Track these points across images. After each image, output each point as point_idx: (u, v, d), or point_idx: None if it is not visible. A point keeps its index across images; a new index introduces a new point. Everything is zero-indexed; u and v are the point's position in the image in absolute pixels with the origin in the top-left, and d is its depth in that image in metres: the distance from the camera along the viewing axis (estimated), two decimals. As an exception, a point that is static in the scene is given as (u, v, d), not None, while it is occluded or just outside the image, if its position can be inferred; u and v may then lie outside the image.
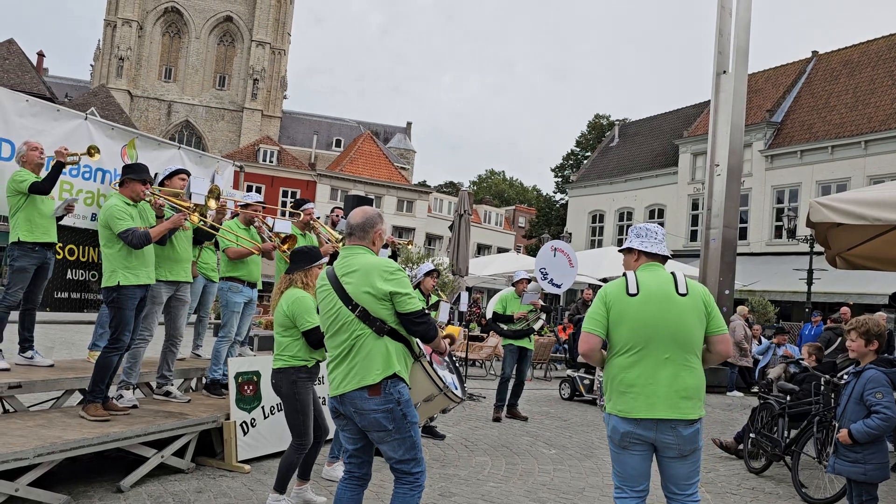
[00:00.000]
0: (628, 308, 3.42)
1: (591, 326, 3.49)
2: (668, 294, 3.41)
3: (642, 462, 3.42)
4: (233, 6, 73.72)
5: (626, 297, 3.44)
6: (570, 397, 11.46)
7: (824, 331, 12.13)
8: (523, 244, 57.16)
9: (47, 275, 6.00)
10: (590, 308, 3.58)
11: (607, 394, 3.51)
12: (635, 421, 3.34)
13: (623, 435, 3.38)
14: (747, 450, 7.04)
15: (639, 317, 3.39)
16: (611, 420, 3.45)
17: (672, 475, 3.41)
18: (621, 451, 3.43)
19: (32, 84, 43.50)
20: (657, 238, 3.61)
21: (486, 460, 6.59)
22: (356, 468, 3.58)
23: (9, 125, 6.20)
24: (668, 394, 3.31)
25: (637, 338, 3.38)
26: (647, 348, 3.36)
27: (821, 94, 29.74)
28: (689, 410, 3.32)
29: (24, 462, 4.10)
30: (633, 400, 3.35)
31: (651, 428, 3.32)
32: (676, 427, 3.31)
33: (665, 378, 3.32)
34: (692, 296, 3.43)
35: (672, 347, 3.35)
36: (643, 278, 3.49)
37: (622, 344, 3.42)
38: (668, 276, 3.49)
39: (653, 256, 3.59)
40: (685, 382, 3.34)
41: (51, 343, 12.41)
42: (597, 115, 54.12)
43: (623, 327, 3.42)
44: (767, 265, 26.67)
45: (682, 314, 3.38)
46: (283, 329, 4.49)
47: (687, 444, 3.34)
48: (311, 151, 68.95)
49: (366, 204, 11.65)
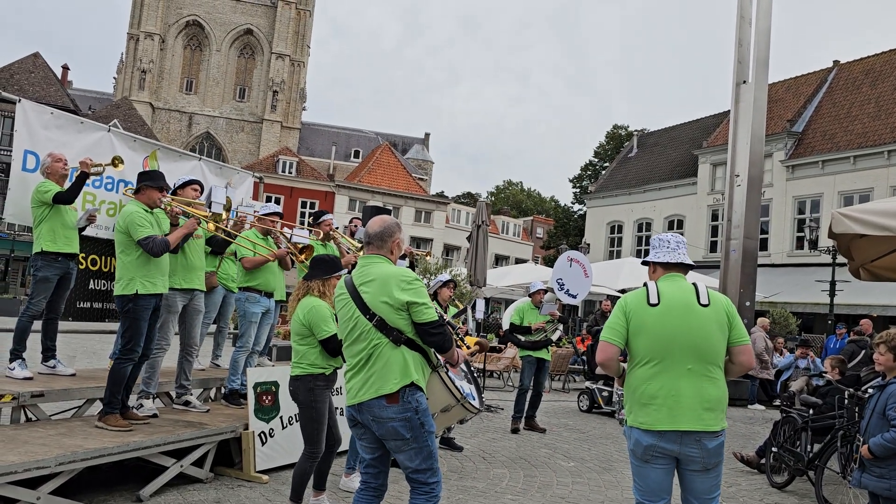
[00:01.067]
0: (649, 318, 3.38)
1: (610, 336, 3.44)
2: (690, 304, 3.37)
3: (665, 476, 3.37)
4: (253, 19, 74.57)
5: (646, 307, 3.41)
6: (588, 409, 11.37)
7: (848, 343, 11.96)
8: (541, 255, 56.99)
9: (70, 285, 6.07)
10: (609, 317, 3.54)
11: (628, 406, 3.47)
12: (658, 433, 3.29)
13: (646, 448, 3.33)
14: (769, 464, 6.94)
15: (659, 327, 3.35)
16: (633, 433, 3.40)
17: (694, 489, 3.36)
18: (643, 465, 3.39)
19: (57, 97, 44.24)
20: (669, 246, 3.56)
21: (503, 472, 6.55)
22: (373, 479, 3.57)
23: (34, 137, 6.31)
24: (692, 405, 3.26)
25: (658, 348, 3.34)
26: (669, 359, 3.32)
27: (842, 103, 29.44)
28: (713, 422, 3.28)
29: (45, 470, 4.13)
30: (656, 412, 3.30)
31: (675, 440, 3.28)
32: (701, 439, 3.26)
33: (687, 389, 3.28)
34: (714, 306, 3.39)
35: (694, 358, 3.30)
36: (664, 288, 3.45)
37: (642, 355, 3.38)
38: (689, 287, 3.45)
39: (671, 266, 3.55)
40: (708, 394, 3.29)
41: (72, 352, 12.55)
42: (615, 126, 53.94)
43: (643, 338, 3.38)
44: (789, 276, 26.36)
45: (704, 325, 3.34)
46: (300, 337, 4.50)
47: (711, 456, 3.29)
48: (330, 162, 69.35)
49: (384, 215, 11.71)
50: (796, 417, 6.81)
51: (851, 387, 6.40)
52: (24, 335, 5.87)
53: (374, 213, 11.44)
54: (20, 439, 4.58)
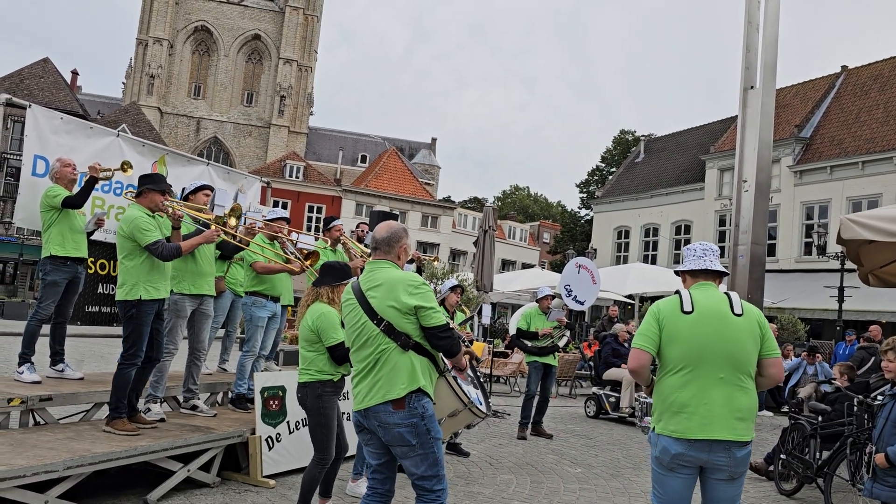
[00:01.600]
0: (682, 326, 3.35)
1: (642, 343, 3.40)
2: (724, 313, 3.35)
3: (686, 485, 3.35)
4: (261, 24, 74.86)
5: (680, 314, 3.37)
6: (595, 415, 11.34)
7: (857, 350, 11.89)
8: (548, 260, 56.91)
9: (78, 289, 6.10)
10: (641, 324, 3.49)
11: (657, 414, 3.42)
12: (689, 442, 3.26)
13: (674, 456, 3.30)
14: (778, 471, 6.90)
15: (693, 335, 3.32)
16: (660, 441, 3.35)
17: (718, 498, 3.34)
18: (667, 473, 3.35)
19: (66, 101, 44.53)
20: (696, 254, 3.54)
21: (510, 478, 6.53)
22: (379, 484, 3.56)
23: (44, 142, 6.36)
24: (724, 414, 3.24)
25: (691, 356, 3.31)
26: (701, 367, 3.29)
27: (851, 108, 29.34)
28: (744, 432, 3.27)
29: (53, 474, 4.14)
30: (687, 420, 3.27)
31: (704, 449, 3.25)
32: (730, 448, 3.25)
33: (719, 398, 3.25)
34: (747, 316, 3.37)
35: (727, 367, 3.28)
36: (697, 297, 3.42)
37: (675, 362, 3.35)
38: (722, 296, 3.43)
39: (699, 274, 3.52)
40: (740, 403, 3.28)
41: (81, 356, 12.59)
42: (622, 131, 53.95)
43: (676, 345, 3.35)
44: (797, 282, 26.24)
45: (738, 334, 3.32)
46: (308, 343, 4.50)
47: (739, 466, 3.28)
48: (337, 167, 69.47)
49: (391, 219, 11.72)
50: (805, 424, 6.78)
51: (861, 394, 6.36)
52: (33, 339, 5.90)
53: (381, 217, 11.47)
54: (29, 443, 4.59)
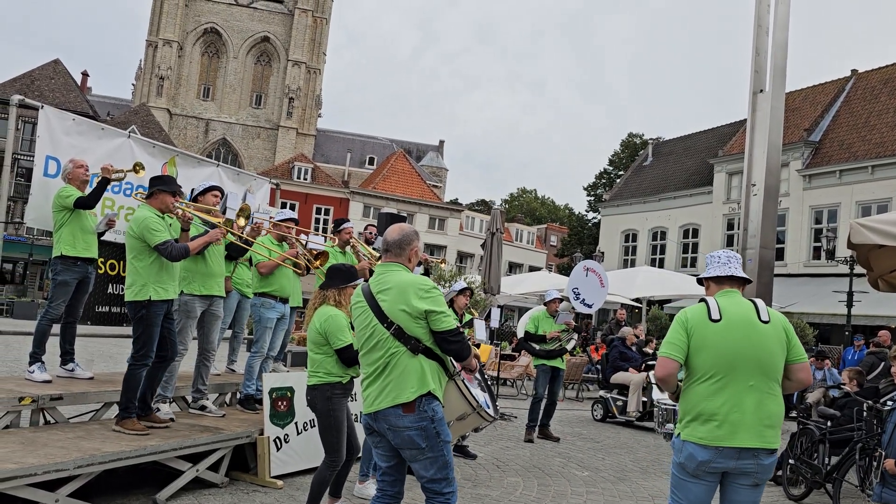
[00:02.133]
0: (711, 334, 3.34)
1: (670, 351, 3.38)
2: (751, 320, 3.36)
3: (708, 492, 3.36)
4: (270, 27, 75.11)
5: (708, 322, 3.37)
6: (602, 419, 11.32)
7: (867, 355, 11.83)
8: (555, 263, 56.84)
9: (88, 289, 6.14)
10: (668, 333, 3.48)
11: (684, 420, 3.41)
12: (717, 449, 3.25)
13: (700, 463, 3.29)
14: (786, 476, 6.87)
15: (722, 343, 3.32)
16: (686, 447, 3.34)
17: (739, 502, 3.34)
18: (690, 480, 3.34)
19: (77, 102, 44.80)
20: (720, 261, 3.55)
21: (517, 481, 6.53)
22: (389, 486, 3.57)
23: (56, 143, 6.41)
24: (753, 422, 3.24)
25: (721, 364, 3.30)
26: (732, 375, 3.29)
27: (860, 112, 29.22)
28: (773, 439, 3.28)
29: (64, 473, 4.17)
30: (717, 428, 3.26)
31: (732, 456, 3.25)
32: (759, 455, 3.25)
33: (750, 406, 3.25)
34: (774, 323, 3.38)
35: (757, 375, 3.28)
36: (724, 304, 3.42)
37: (704, 370, 3.34)
38: (748, 304, 3.44)
39: (724, 281, 3.52)
40: (769, 410, 3.28)
41: (90, 356, 12.66)
42: (630, 134, 53.84)
43: (705, 353, 3.34)
44: (806, 287, 26.13)
45: (766, 341, 3.32)
46: (316, 346, 4.51)
47: (765, 472, 3.30)
48: (345, 169, 69.57)
49: (399, 222, 11.74)
50: (814, 429, 6.75)
51: (870, 399, 6.33)
52: (44, 338, 5.94)
53: (389, 220, 11.51)
54: (39, 442, 4.63)
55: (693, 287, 17.79)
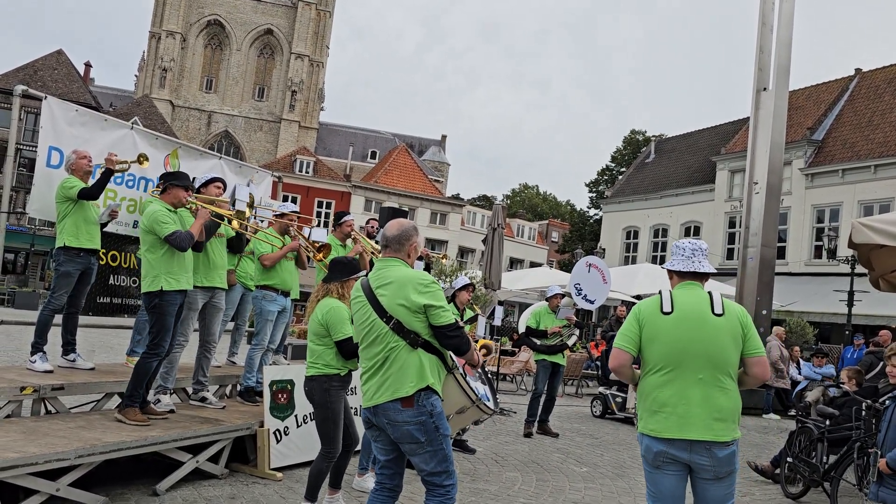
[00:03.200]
0: (662, 326, 3.37)
1: (622, 343, 3.46)
2: (703, 314, 3.35)
3: (677, 483, 3.36)
4: (273, 19, 75.01)
5: (659, 315, 3.40)
6: (601, 415, 11.35)
7: (866, 354, 11.83)
8: (556, 259, 56.84)
9: (90, 280, 6.16)
10: (623, 324, 3.55)
11: (640, 412, 3.47)
12: (668, 441, 3.29)
13: (656, 454, 3.33)
14: (784, 474, 6.89)
15: (672, 336, 3.34)
16: (643, 440, 3.40)
17: (707, 497, 3.34)
18: (655, 471, 3.38)
19: (79, 93, 44.78)
20: (685, 254, 3.54)
21: (516, 476, 6.55)
22: (388, 479, 3.59)
23: (59, 134, 6.41)
24: (701, 415, 3.25)
25: (670, 357, 3.33)
26: (680, 368, 3.31)
27: (864, 112, 29.16)
28: (723, 432, 3.26)
29: (65, 462, 4.19)
30: (666, 419, 3.30)
31: (685, 448, 3.27)
32: (711, 448, 3.25)
33: (698, 398, 3.26)
34: (728, 316, 3.36)
35: (706, 368, 3.29)
36: (679, 297, 3.44)
37: (654, 362, 3.38)
38: (704, 296, 3.43)
39: (686, 275, 3.52)
40: (719, 403, 3.27)
41: (92, 347, 12.69)
42: (633, 131, 53.84)
43: (656, 346, 3.38)
44: (806, 285, 26.13)
45: (717, 334, 3.31)
46: (317, 337, 4.53)
47: (722, 466, 3.27)
48: (347, 163, 69.56)
49: (400, 216, 11.74)
50: (812, 428, 6.76)
51: (869, 398, 6.34)
52: (46, 329, 5.97)
53: (390, 214, 11.50)
54: (41, 431, 4.65)
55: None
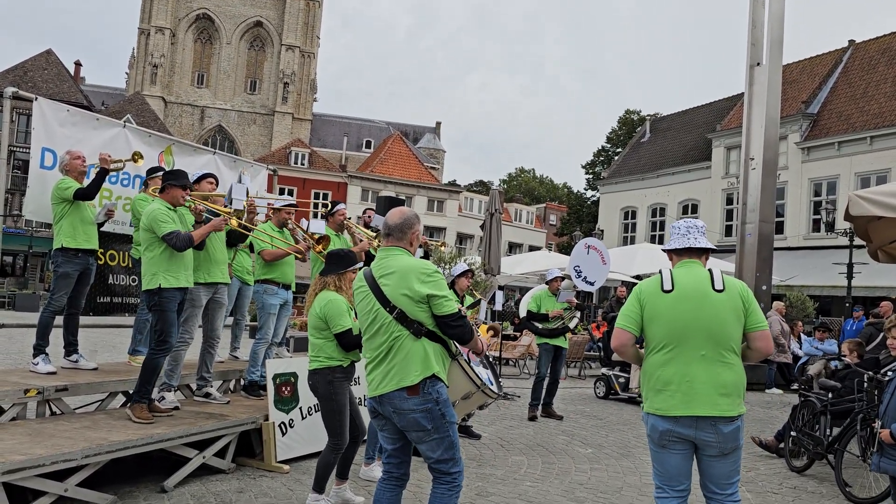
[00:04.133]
0: (662, 305, 3.39)
1: (624, 323, 3.48)
2: (704, 291, 3.36)
3: (683, 461, 3.39)
4: (262, 11, 74.54)
5: (660, 293, 3.41)
6: (605, 396, 11.39)
7: (866, 326, 11.87)
8: (555, 242, 56.86)
9: (90, 280, 6.16)
10: (624, 304, 3.56)
11: (644, 392, 3.48)
12: (674, 419, 3.30)
13: (662, 433, 3.35)
14: (788, 448, 6.93)
15: (673, 314, 3.35)
16: (649, 419, 3.42)
17: (712, 474, 3.37)
18: (661, 450, 3.41)
19: (70, 93, 44.57)
20: (680, 232, 3.55)
21: (522, 459, 6.58)
22: (395, 468, 3.60)
23: (51, 135, 6.39)
24: (706, 390, 3.27)
25: (672, 335, 3.35)
26: (682, 345, 3.32)
27: (858, 83, 29.08)
28: (728, 407, 3.28)
29: (72, 463, 4.21)
30: (671, 398, 3.31)
31: (690, 425, 3.29)
32: (717, 424, 3.27)
33: (701, 375, 3.28)
34: (729, 292, 3.37)
35: (708, 344, 3.30)
36: (678, 275, 3.45)
37: (657, 341, 3.40)
38: (704, 273, 3.44)
39: (684, 252, 3.53)
40: (723, 379, 3.29)
41: (94, 346, 12.71)
42: (627, 111, 53.59)
43: (657, 324, 3.39)
44: (805, 259, 26.16)
45: (718, 310, 3.33)
46: (316, 331, 4.54)
47: (728, 441, 3.29)
48: (342, 153, 69.41)
49: (398, 205, 11.70)
50: (815, 401, 6.79)
51: (870, 370, 6.37)
52: (47, 330, 5.97)
53: (388, 203, 11.46)
54: (46, 433, 4.67)
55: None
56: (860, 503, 5.56)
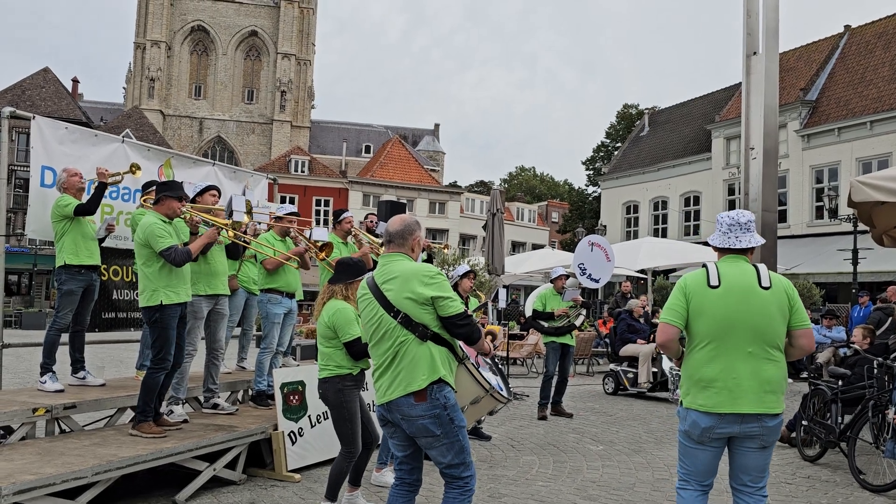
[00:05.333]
0: (709, 300, 3.35)
1: (670, 317, 3.43)
2: (751, 287, 3.33)
3: (714, 458, 3.39)
4: (257, 20, 74.64)
5: (706, 289, 3.37)
6: (614, 392, 11.36)
7: (874, 311, 11.82)
8: (558, 239, 56.80)
9: (94, 296, 6.15)
10: (669, 299, 3.50)
11: (685, 388, 3.44)
12: (719, 416, 3.28)
13: (704, 430, 3.32)
14: (800, 437, 6.90)
15: (719, 310, 3.32)
16: (690, 415, 3.38)
17: (748, 466, 3.36)
18: (696, 447, 3.38)
19: (69, 110, 44.69)
20: (721, 230, 3.49)
21: (533, 459, 6.56)
22: (407, 475, 3.59)
23: (50, 153, 6.39)
24: (753, 387, 3.25)
25: (717, 331, 3.31)
26: (728, 342, 3.30)
27: (856, 68, 28.99)
28: (774, 404, 3.28)
29: (82, 481, 4.20)
30: (717, 395, 3.28)
31: (735, 422, 3.27)
32: (762, 419, 3.27)
33: (747, 372, 3.26)
34: (775, 289, 3.35)
35: (754, 341, 3.28)
36: (725, 270, 3.40)
37: (701, 337, 3.36)
38: (750, 269, 3.40)
39: (728, 251, 3.48)
40: (768, 375, 3.28)
41: (101, 362, 12.71)
42: (625, 105, 53.56)
43: (703, 320, 3.36)
44: (810, 247, 26.09)
45: (765, 307, 3.30)
46: (325, 340, 4.53)
47: (771, 435, 3.31)
48: (342, 159, 69.39)
49: (399, 209, 11.72)
50: (825, 389, 6.76)
51: (880, 356, 6.34)
52: (53, 348, 5.97)
53: (389, 207, 11.48)
54: (56, 451, 4.66)
55: (697, 255, 17.75)
56: (875, 490, 5.54)
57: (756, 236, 3.45)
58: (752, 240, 3.45)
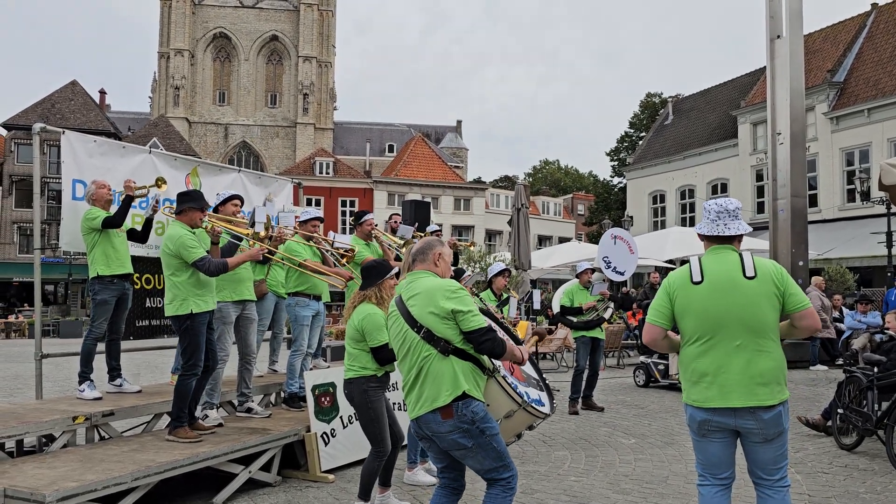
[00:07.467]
0: (693, 297, 3.32)
1: (654, 318, 3.43)
2: (734, 279, 3.28)
3: (724, 449, 3.35)
4: (277, 25, 75.26)
5: (690, 285, 3.34)
6: (645, 384, 11.29)
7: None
8: (584, 231, 56.48)
9: (127, 305, 6.29)
10: (654, 298, 3.50)
11: (682, 382, 3.45)
12: (711, 410, 3.27)
13: (700, 423, 3.32)
14: (836, 426, 6.80)
15: (704, 306, 3.29)
16: (687, 409, 3.40)
17: (758, 460, 3.31)
18: (702, 440, 3.37)
19: (97, 121, 45.54)
20: (710, 217, 3.43)
21: (565, 454, 6.56)
22: (451, 481, 3.61)
23: (80, 166, 6.54)
24: (743, 381, 3.21)
25: (705, 327, 3.29)
26: (717, 337, 3.27)
27: (885, 47, 28.36)
28: (767, 396, 3.21)
29: (123, 486, 4.31)
30: (707, 389, 3.27)
31: (729, 415, 3.24)
32: (756, 412, 3.21)
33: (738, 366, 3.22)
34: (761, 278, 3.27)
35: (743, 334, 3.24)
36: (708, 264, 3.36)
37: (691, 333, 3.35)
38: (734, 259, 3.33)
39: (714, 238, 3.42)
40: (760, 368, 3.22)
41: (136, 369, 12.96)
42: (648, 94, 52.96)
43: (689, 317, 3.33)
44: (842, 231, 25.61)
45: (751, 299, 3.24)
46: (353, 342, 4.59)
47: (770, 427, 3.23)
48: (366, 159, 69.76)
49: (423, 208, 11.76)
50: (861, 376, 6.65)
51: (916, 341, 6.22)
52: (90, 357, 6.12)
53: (414, 207, 11.53)
54: (96, 458, 4.78)
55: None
56: (915, 478, 5.44)
57: (744, 224, 3.41)
58: (739, 227, 3.39)
